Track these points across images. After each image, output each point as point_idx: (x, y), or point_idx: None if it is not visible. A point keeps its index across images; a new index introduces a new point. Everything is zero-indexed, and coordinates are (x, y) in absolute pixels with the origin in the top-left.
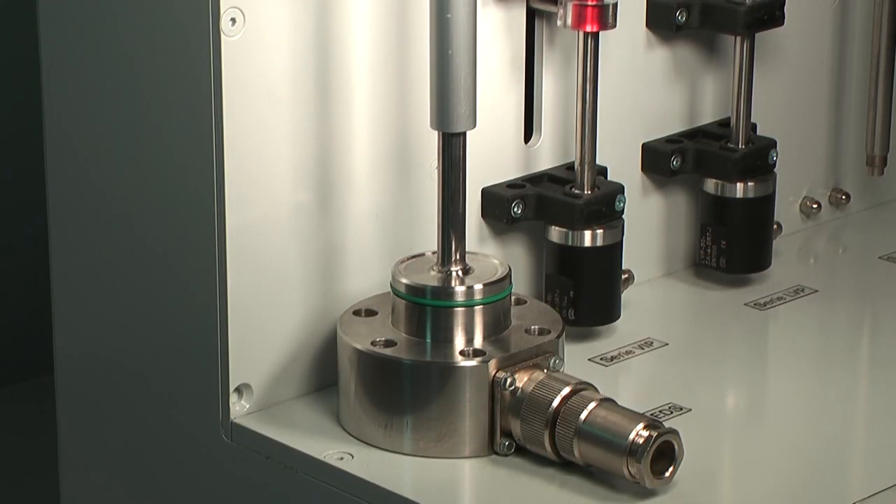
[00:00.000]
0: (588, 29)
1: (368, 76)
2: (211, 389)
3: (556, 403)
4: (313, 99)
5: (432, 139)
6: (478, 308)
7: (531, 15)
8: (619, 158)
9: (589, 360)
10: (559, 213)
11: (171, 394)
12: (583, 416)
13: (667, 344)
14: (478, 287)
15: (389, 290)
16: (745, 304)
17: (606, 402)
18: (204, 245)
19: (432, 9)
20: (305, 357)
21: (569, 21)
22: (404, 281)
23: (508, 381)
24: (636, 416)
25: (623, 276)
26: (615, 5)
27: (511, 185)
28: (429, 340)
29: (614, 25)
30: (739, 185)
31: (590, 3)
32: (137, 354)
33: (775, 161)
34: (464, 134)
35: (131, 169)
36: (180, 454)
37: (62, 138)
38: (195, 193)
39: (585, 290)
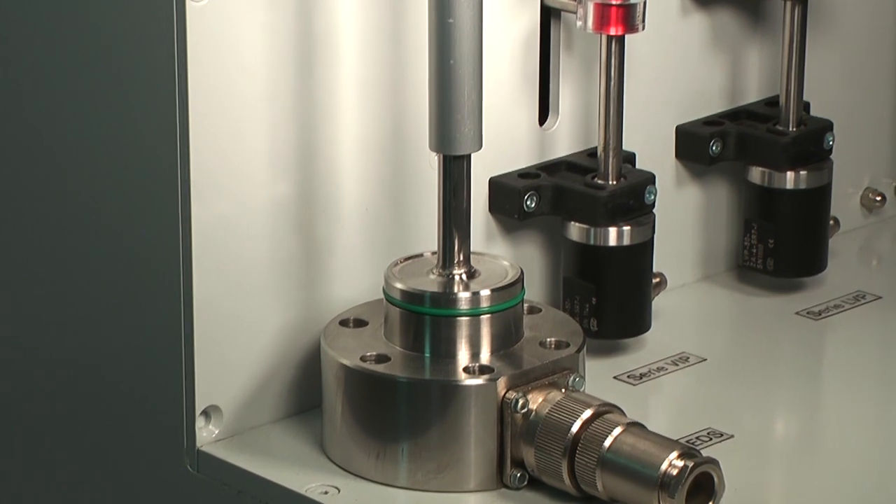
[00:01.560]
0: (612, 32)
1: (358, 46)
2: (174, 412)
3: (575, 428)
4: (293, 74)
5: None
6: (484, 318)
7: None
8: (650, 143)
9: (614, 377)
10: (579, 208)
11: (128, 417)
12: (607, 443)
13: (705, 359)
14: (484, 293)
15: (382, 296)
16: (797, 313)
17: (634, 426)
18: (165, 245)
19: (431, 13)
20: (284, 375)
21: (590, 23)
22: (399, 286)
23: (520, 402)
24: (669, 444)
25: (654, 281)
26: (644, 4)
27: (523, 174)
28: (427, 355)
29: (643, 27)
30: (790, 175)
31: (614, 1)
32: (90, 372)
33: (831, 146)
34: (468, 156)
35: (82, 157)
36: (139, 486)
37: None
38: (155, 184)
39: (610, 297)
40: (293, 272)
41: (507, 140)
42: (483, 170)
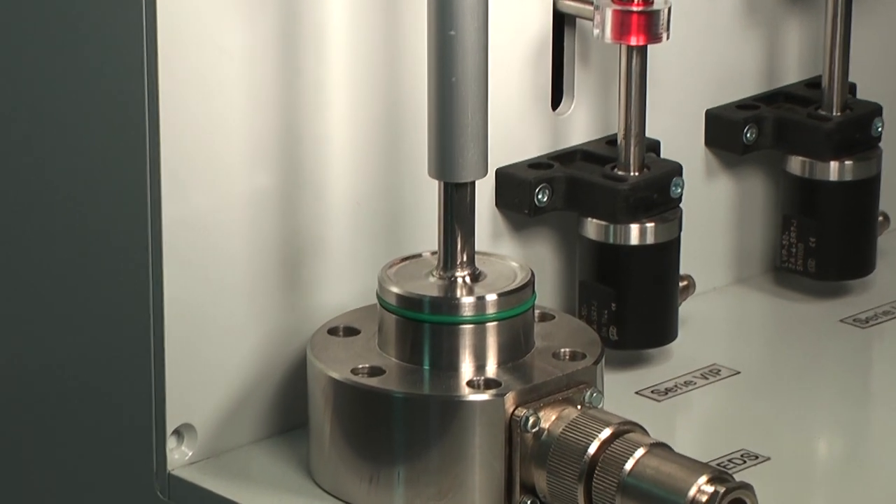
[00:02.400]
0: (632, 42)
1: (349, 22)
2: (142, 431)
3: (593, 450)
4: (275, 53)
5: None
6: (490, 325)
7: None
8: (676, 130)
9: (637, 393)
10: (597, 202)
11: (91, 437)
12: (628, 466)
13: (738, 372)
14: (490, 298)
15: (375, 301)
16: (842, 321)
17: (659, 448)
18: (132, 243)
19: (431, 25)
20: (266, 389)
21: (608, 31)
22: (395, 290)
23: (531, 420)
24: (698, 467)
25: (681, 284)
26: (669, 10)
27: (534, 164)
28: (427, 367)
29: (667, 37)
30: (833, 165)
31: (634, 7)
32: (51, 385)
33: (880, 132)
34: (472, 183)
35: (41, 146)
36: None
37: None
38: (120, 176)
39: (632, 302)
40: (276, 274)
41: (515, 126)
42: (489, 160)
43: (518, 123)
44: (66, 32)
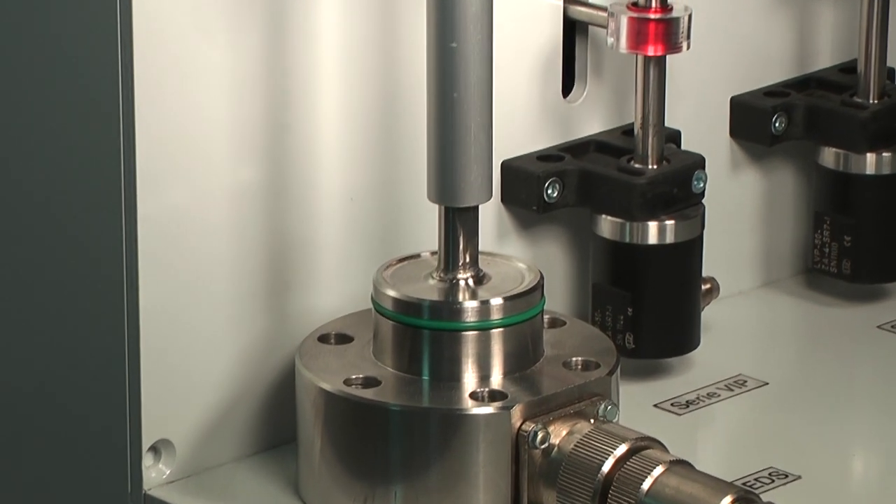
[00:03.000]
0: (650, 52)
1: (342, 1)
2: (115, 447)
3: (607, 468)
4: (261, 34)
5: None
6: (496, 332)
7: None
8: (699, 118)
9: (655, 405)
10: (612, 197)
11: (63, 454)
12: (646, 485)
13: (766, 383)
14: (496, 302)
15: (370, 306)
16: (879, 327)
17: (679, 465)
18: (105, 243)
19: (430, 37)
20: (250, 402)
21: (623, 41)
22: (391, 293)
23: (539, 435)
24: (722, 487)
25: (704, 287)
26: (689, 17)
27: (544, 156)
28: (426, 378)
29: (688, 46)
30: (870, 157)
31: (652, 15)
32: (19, 397)
33: None
34: (475, 208)
35: (7, 140)
36: None
37: None
38: (92, 169)
39: (650, 307)
40: (261, 276)
41: (523, 114)
42: (494, 151)
43: (525, 111)
44: (35, 15)
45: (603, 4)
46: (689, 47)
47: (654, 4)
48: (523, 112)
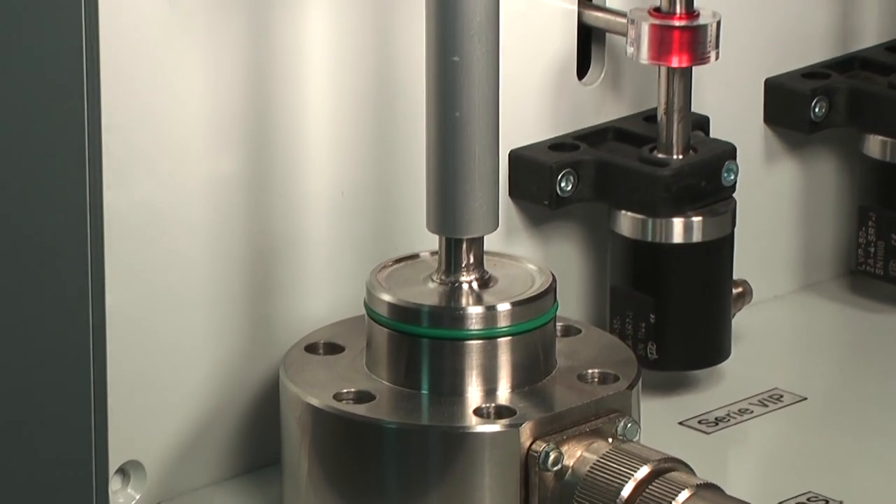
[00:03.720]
0: (673, 63)
1: None
2: (81, 470)
3: (627, 492)
4: (242, 10)
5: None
6: (503, 341)
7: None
8: (730, 103)
9: (681, 423)
10: (633, 191)
11: (21, 476)
12: None
13: (804, 398)
14: (503, 308)
15: (363, 312)
16: None
17: (707, 490)
18: (68, 241)
19: (430, 50)
20: (229, 420)
21: (644, 51)
22: (387, 298)
23: (552, 456)
24: None
25: (735, 291)
26: (718, 24)
27: (556, 145)
28: (425, 392)
29: (716, 56)
30: None
31: (676, 22)
32: None
33: None
34: (480, 239)
35: None
36: None
37: None
38: (55, 162)
39: (674, 313)
40: (242, 280)
41: (533, 98)
42: (501, 139)
43: (536, 95)
44: None
45: (621, 9)
46: (717, 57)
47: (678, 10)
48: (533, 95)
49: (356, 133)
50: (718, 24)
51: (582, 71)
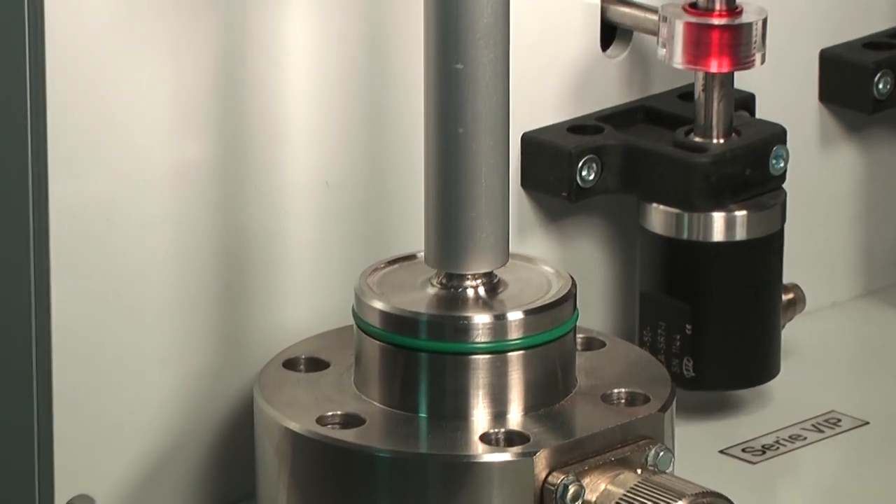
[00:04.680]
0: (712, 68)
1: None
2: None
3: None
4: None
5: None
6: (514, 356)
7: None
8: (779, 78)
9: (722, 452)
10: (666, 181)
11: None
12: None
13: (866, 423)
14: (514, 317)
15: (351, 322)
16: None
17: None
18: (9, 242)
19: (430, 57)
20: (194, 448)
21: (678, 53)
22: (379, 305)
23: (571, 490)
24: None
25: (785, 298)
26: (764, 22)
27: (577, 127)
28: (424, 415)
29: (762, 60)
30: None
31: (716, 20)
32: None
33: None
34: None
35: None
36: None
37: None
38: None
39: (714, 323)
40: (209, 285)
41: (551, 74)
42: (512, 121)
43: (552, 68)
44: None
45: (652, 4)
46: (763, 61)
47: (717, 6)
48: (549, 69)
49: (343, 116)
50: (764, 22)
51: (606, 41)
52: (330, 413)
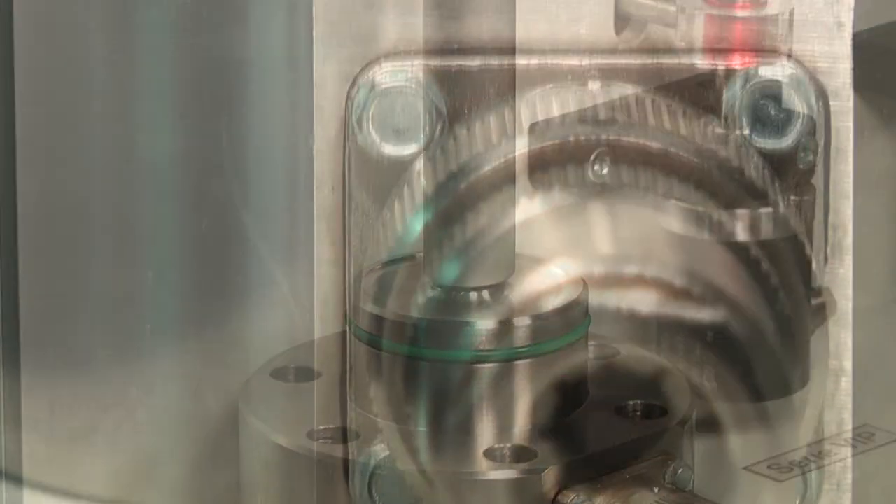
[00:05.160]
0: (736, 64)
1: None
2: None
3: None
4: None
5: None
6: (521, 364)
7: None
8: (808, 60)
9: (746, 468)
10: (685, 176)
11: None
12: None
13: None
14: (521, 322)
15: (343, 328)
16: None
17: None
18: None
19: None
20: (173, 465)
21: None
22: (374, 310)
23: None
24: None
25: (814, 302)
26: (791, 15)
27: (587, 117)
28: (423, 429)
29: (788, 57)
30: None
31: (739, 11)
32: None
33: None
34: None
35: None
36: None
37: None
38: None
39: (738, 330)
40: (189, 286)
41: (557, 55)
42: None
43: (561, 51)
44: None
45: None
46: (789, 58)
47: None
48: (557, 55)
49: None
50: (791, 14)
51: (619, 25)
52: (321, 427)
